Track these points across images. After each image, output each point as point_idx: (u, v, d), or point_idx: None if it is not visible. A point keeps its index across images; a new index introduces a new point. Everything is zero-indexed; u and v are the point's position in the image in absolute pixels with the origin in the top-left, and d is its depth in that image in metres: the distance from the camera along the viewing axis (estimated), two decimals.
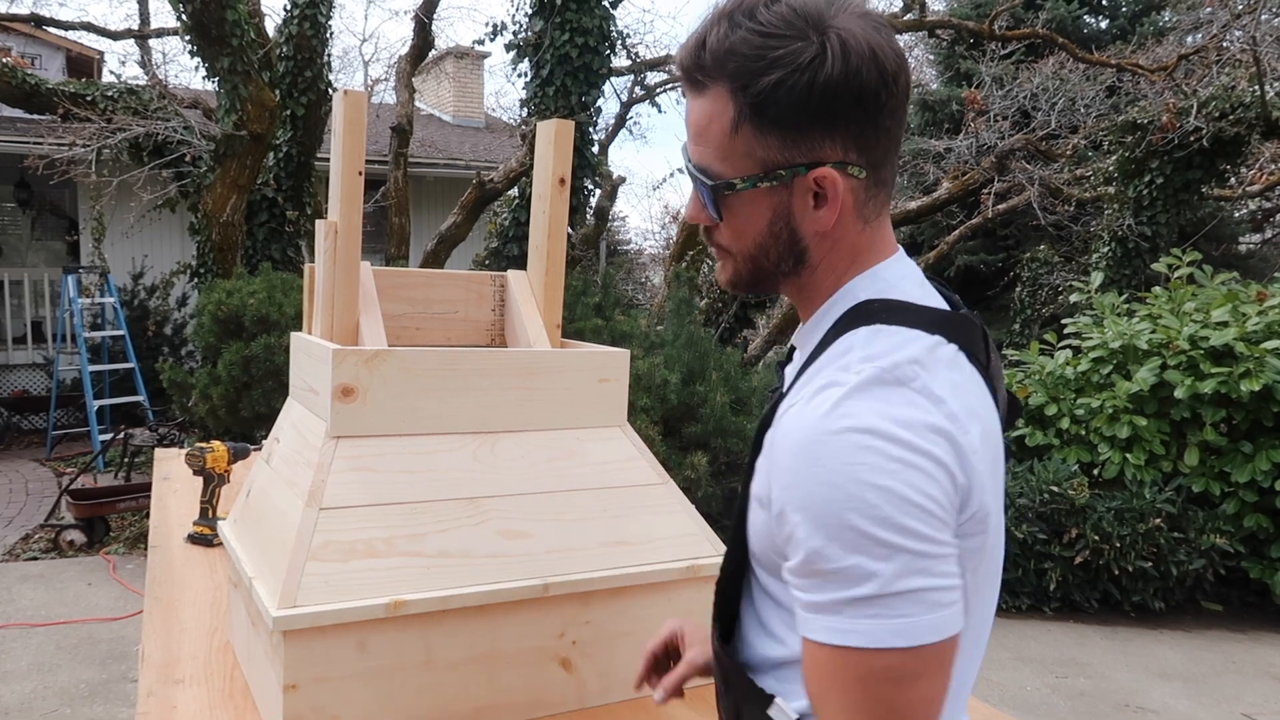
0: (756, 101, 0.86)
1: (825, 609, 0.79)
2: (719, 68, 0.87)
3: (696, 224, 0.98)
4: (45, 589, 5.21)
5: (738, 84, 0.86)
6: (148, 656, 1.62)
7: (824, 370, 0.87)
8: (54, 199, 11.05)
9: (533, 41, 7.60)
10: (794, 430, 0.82)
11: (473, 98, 15.87)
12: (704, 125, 0.90)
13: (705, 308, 8.21)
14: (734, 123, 0.88)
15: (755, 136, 0.88)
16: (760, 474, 0.89)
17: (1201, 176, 8.82)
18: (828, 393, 0.83)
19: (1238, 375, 4.86)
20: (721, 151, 0.90)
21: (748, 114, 0.87)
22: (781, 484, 0.82)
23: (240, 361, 5.84)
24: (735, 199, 0.91)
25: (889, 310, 0.89)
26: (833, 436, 0.79)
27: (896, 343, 0.86)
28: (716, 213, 0.93)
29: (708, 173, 0.91)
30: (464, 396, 1.54)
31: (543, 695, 1.50)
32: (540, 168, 1.77)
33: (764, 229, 0.92)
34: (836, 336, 0.90)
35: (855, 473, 0.78)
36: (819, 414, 0.81)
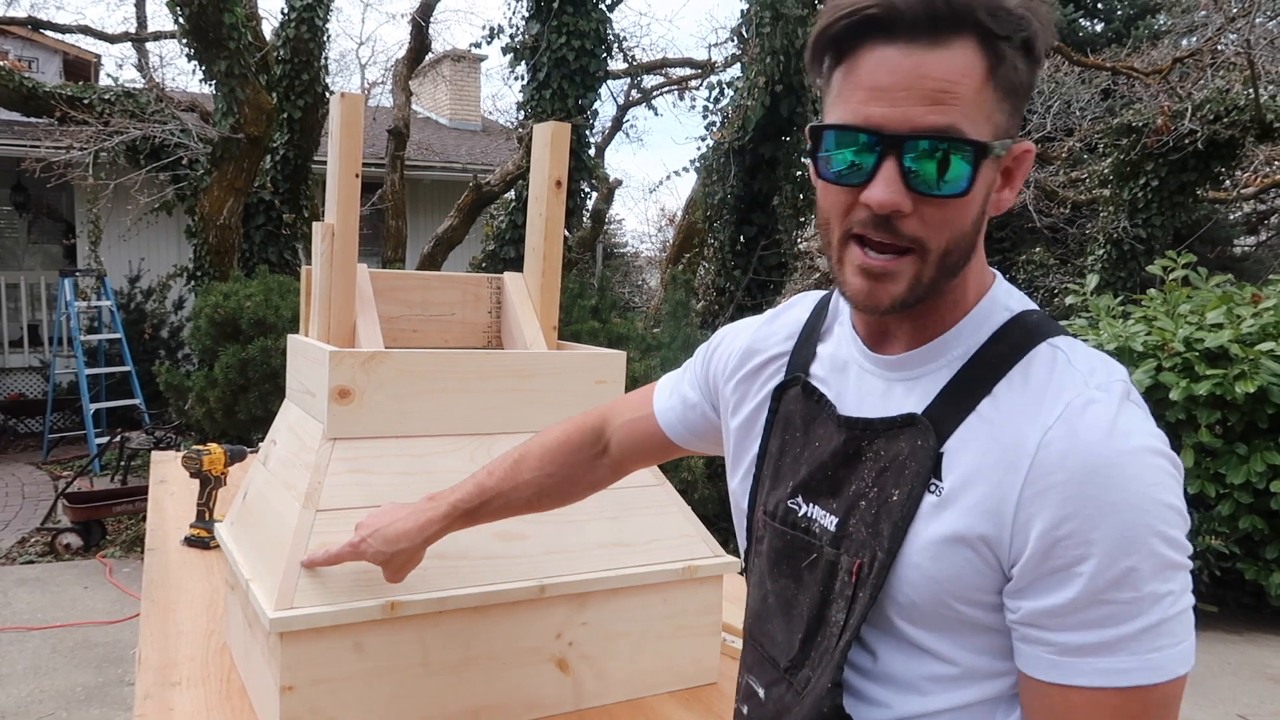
0: (1006, 54, 0.77)
1: (1106, 648, 0.74)
2: (968, 14, 0.75)
3: (890, 210, 0.78)
4: (41, 592, 5.20)
5: (998, 35, 0.76)
6: (145, 659, 1.62)
7: (1041, 386, 0.80)
8: (51, 202, 11.04)
9: (529, 44, 7.61)
10: (1075, 452, 0.75)
11: (469, 101, 15.88)
12: (953, 80, 0.76)
13: (702, 310, 8.22)
14: (988, 77, 0.77)
15: (997, 97, 0.78)
16: (972, 510, 0.79)
17: (1196, 179, 8.85)
18: (1092, 410, 0.76)
19: (1232, 377, 4.87)
20: (973, 110, 0.77)
21: (997, 71, 0.77)
22: (1063, 513, 0.74)
23: (237, 364, 5.83)
24: (980, 170, 0.79)
25: (1052, 323, 0.85)
26: (1128, 458, 0.74)
27: (1103, 360, 0.81)
28: (969, 185, 0.78)
29: (958, 136, 0.76)
30: (460, 398, 1.55)
31: (539, 696, 1.50)
32: (536, 170, 1.78)
33: (978, 210, 0.81)
34: (1011, 350, 0.83)
35: (1155, 493, 0.74)
36: (1100, 435, 0.75)
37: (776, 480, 0.97)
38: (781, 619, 0.94)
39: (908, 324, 0.87)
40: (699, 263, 9.43)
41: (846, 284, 0.84)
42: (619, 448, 1.24)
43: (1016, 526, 0.77)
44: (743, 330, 1.11)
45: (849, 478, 0.88)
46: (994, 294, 0.87)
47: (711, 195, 8.19)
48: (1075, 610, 0.74)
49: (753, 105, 7.54)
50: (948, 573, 0.80)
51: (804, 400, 0.96)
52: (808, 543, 0.91)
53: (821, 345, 1.00)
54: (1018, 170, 0.84)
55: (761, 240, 8.06)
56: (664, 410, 1.19)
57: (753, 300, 8.09)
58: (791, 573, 0.93)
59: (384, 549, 1.26)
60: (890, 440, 0.85)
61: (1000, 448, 0.79)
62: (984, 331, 0.85)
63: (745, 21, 7.93)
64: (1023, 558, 0.76)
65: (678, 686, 1.62)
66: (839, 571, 0.87)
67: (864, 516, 0.86)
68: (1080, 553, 0.73)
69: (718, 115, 8.19)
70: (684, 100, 14.62)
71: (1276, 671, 4.62)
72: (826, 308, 1.02)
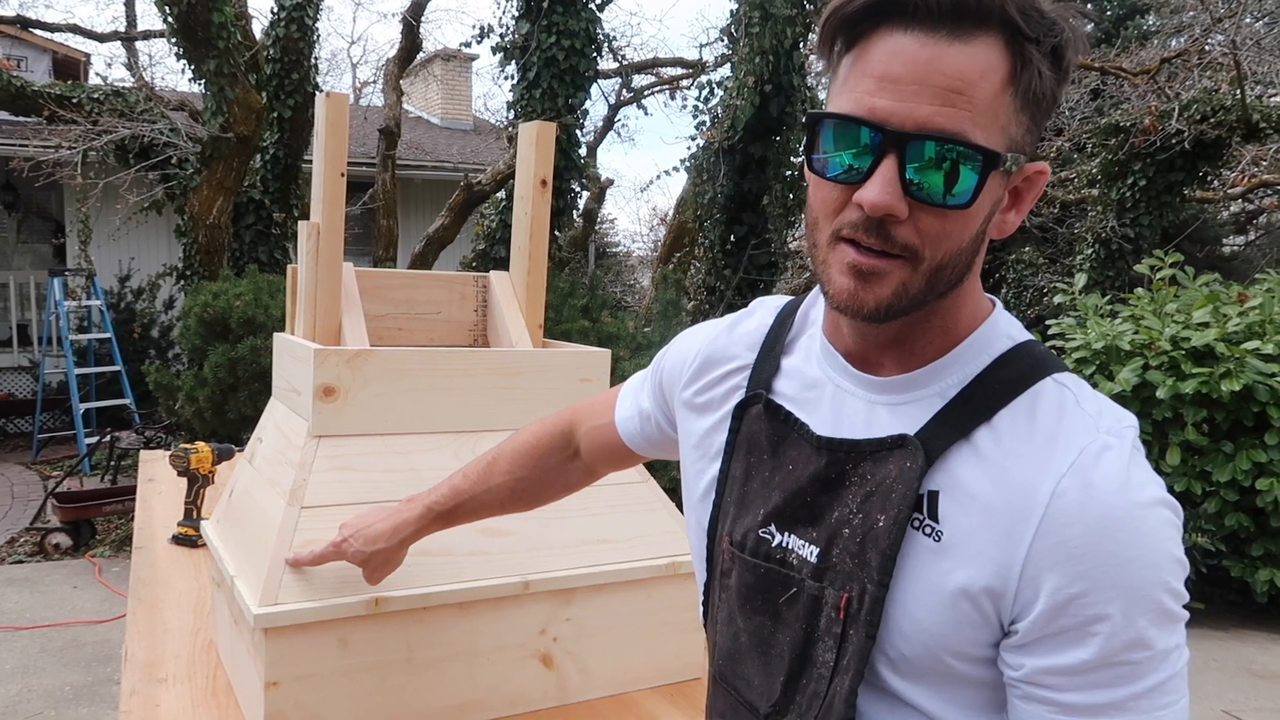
0: (1030, 61, 0.70)
1: (1114, 708, 0.70)
2: (997, 9, 0.69)
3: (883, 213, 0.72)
4: (30, 592, 5.19)
5: (1024, 37, 0.70)
6: (131, 656, 1.63)
7: (1051, 427, 0.74)
8: (40, 201, 11.00)
9: (519, 44, 7.61)
10: (1091, 504, 0.70)
11: (461, 100, 15.86)
12: (971, 81, 0.70)
13: (692, 309, 8.24)
14: (1008, 83, 0.71)
15: (1014, 107, 0.72)
16: (975, 559, 0.74)
17: (1183, 179, 8.90)
18: (1107, 459, 0.72)
19: (1218, 375, 4.91)
20: (985, 116, 0.71)
21: (1023, 79, 0.71)
22: (1079, 569, 0.70)
23: (226, 364, 5.83)
24: (987, 182, 0.73)
25: (1055, 358, 0.80)
26: (1144, 511, 0.70)
27: (1108, 402, 0.77)
28: (973, 196, 0.72)
29: (966, 142, 0.70)
30: (446, 396, 1.56)
31: (524, 691, 1.51)
32: (522, 169, 1.79)
33: (978, 227, 0.75)
34: (1018, 378, 0.78)
35: (1168, 549, 0.71)
36: (1115, 487, 0.71)
37: (743, 508, 0.89)
38: (757, 660, 0.87)
39: (894, 347, 0.81)
40: (690, 262, 9.44)
41: (830, 283, 0.77)
42: (588, 453, 1.22)
43: (1024, 579, 0.72)
44: (699, 337, 1.03)
45: (831, 504, 0.81)
46: (995, 321, 0.81)
47: (702, 195, 8.20)
48: (1087, 671, 0.70)
49: (742, 105, 7.56)
50: (945, 627, 0.75)
51: (769, 420, 0.88)
52: (785, 576, 0.84)
53: (786, 359, 0.92)
54: (1028, 192, 0.77)
55: (752, 240, 8.09)
56: (623, 420, 1.15)
57: (743, 299, 8.10)
58: (767, 609, 0.85)
59: (363, 549, 1.27)
60: (878, 463, 0.79)
61: (1006, 493, 0.74)
62: (984, 358, 0.79)
63: (735, 21, 7.94)
64: (1031, 613, 0.72)
65: (662, 682, 1.64)
66: (823, 607, 0.80)
67: (848, 546, 0.79)
68: (1096, 611, 0.69)
69: (708, 115, 8.20)
70: (675, 100, 14.61)
71: (1261, 668, 4.66)
72: (791, 317, 0.95)
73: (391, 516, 1.28)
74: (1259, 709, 4.20)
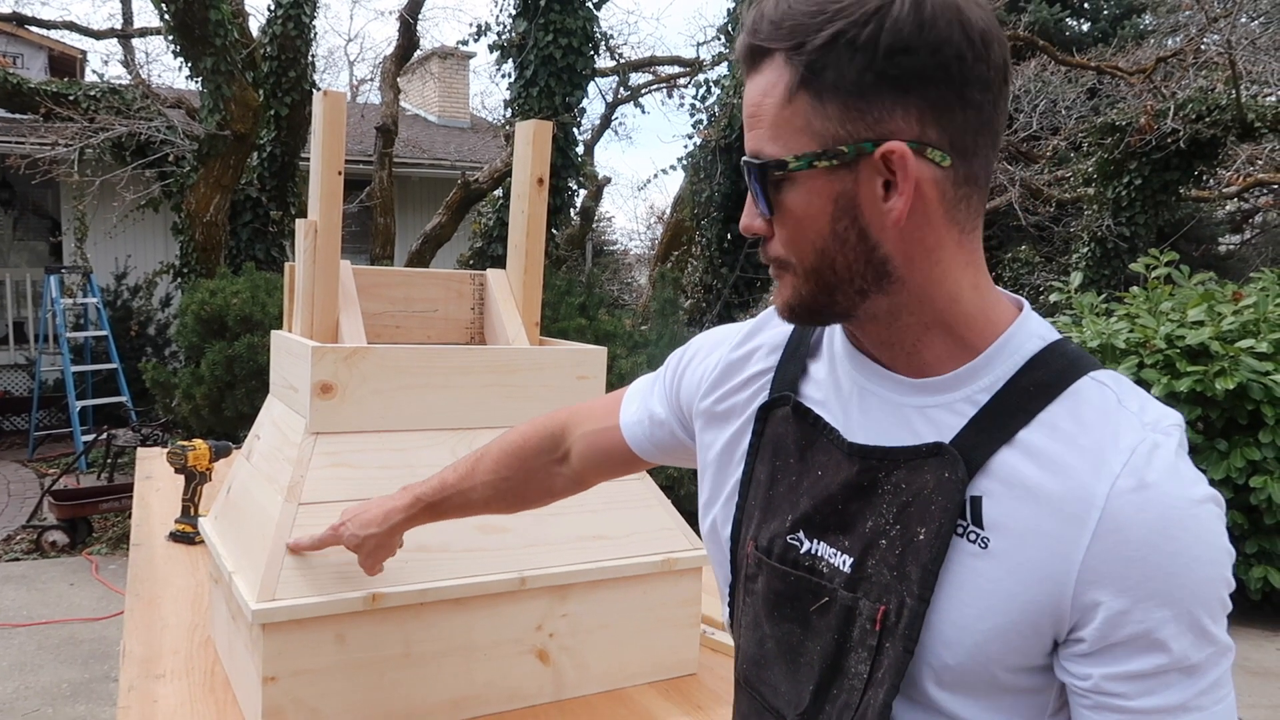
0: (813, 60, 0.72)
1: (1182, 709, 0.70)
2: (774, 33, 0.74)
3: (749, 234, 0.82)
4: (27, 590, 5.20)
5: (793, 43, 0.73)
6: (129, 652, 1.63)
7: (1098, 427, 0.73)
8: (36, 199, 10.99)
9: (516, 42, 7.62)
10: (1151, 505, 0.70)
11: (458, 98, 15.86)
12: (758, 103, 0.76)
13: (690, 308, 8.25)
14: (788, 90, 0.74)
15: (812, 106, 0.73)
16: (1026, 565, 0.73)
17: (1179, 178, 8.92)
18: (1159, 457, 0.71)
19: (1213, 374, 4.92)
20: (774, 129, 0.75)
21: (802, 77, 0.73)
22: (1144, 571, 0.69)
23: (223, 361, 5.83)
24: (789, 187, 0.76)
25: (1090, 356, 0.80)
26: (1200, 508, 0.70)
27: (1148, 396, 0.77)
28: (768, 206, 0.77)
29: (759, 156, 0.77)
30: (443, 393, 1.56)
31: (520, 687, 1.52)
32: (519, 168, 1.80)
33: (825, 227, 0.76)
34: (1056, 378, 0.76)
35: (1222, 543, 0.71)
36: (1172, 485, 0.70)
37: (769, 512, 0.88)
38: (785, 667, 0.86)
39: (890, 349, 0.82)
40: (687, 260, 9.45)
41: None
42: (580, 459, 1.17)
43: (1082, 584, 0.70)
44: (720, 343, 1.01)
45: (863, 513, 0.80)
46: (1024, 322, 0.80)
47: (699, 193, 8.22)
48: (1160, 674, 0.70)
49: (739, 104, 7.57)
50: (993, 635, 0.74)
51: (796, 423, 0.87)
52: (816, 585, 0.82)
53: (811, 362, 0.91)
54: (898, 173, 0.73)
55: (748, 238, 8.09)
56: (630, 424, 1.11)
57: (740, 298, 8.12)
58: (796, 617, 0.84)
59: (357, 533, 1.29)
60: (913, 472, 0.77)
61: (1058, 496, 0.72)
62: (1016, 359, 0.78)
63: (732, 20, 7.96)
64: (1094, 620, 0.70)
65: (657, 677, 1.65)
66: (857, 618, 0.79)
67: (885, 558, 0.77)
68: (1164, 614, 0.69)
69: (705, 113, 8.21)
70: (672, 98, 14.64)
71: (1255, 665, 4.68)
72: None
73: (383, 504, 1.30)
74: (1253, 705, 4.22)
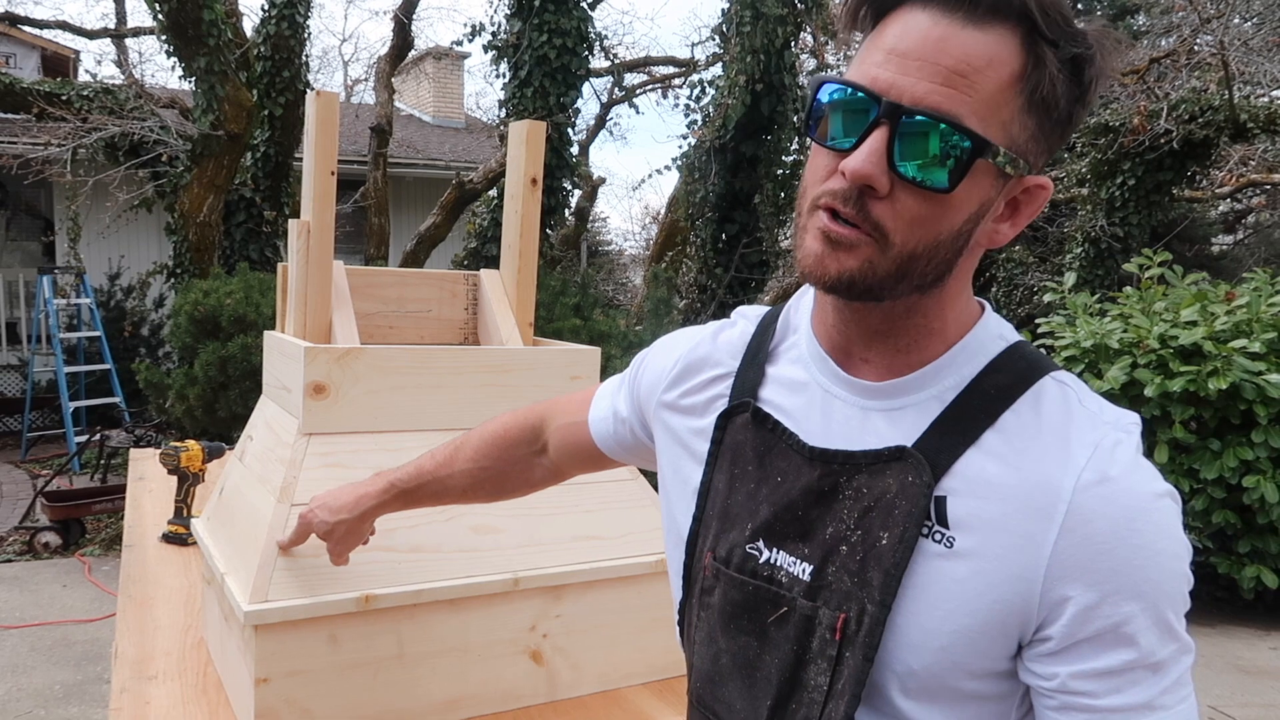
0: (1054, 70, 0.69)
1: (1147, 707, 0.69)
2: (1017, 3, 0.68)
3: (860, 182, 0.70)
4: (20, 591, 5.18)
5: (1042, 36, 0.68)
6: (121, 653, 1.63)
7: (1062, 425, 0.73)
8: (29, 199, 10.95)
9: (511, 42, 7.61)
10: (1118, 498, 0.69)
11: (453, 98, 15.84)
12: (976, 67, 0.68)
13: (684, 308, 8.25)
14: (1018, 80, 0.69)
15: (1021, 107, 0.70)
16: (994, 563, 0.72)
17: (1172, 178, 8.95)
18: (1120, 453, 0.71)
19: (1206, 374, 4.94)
20: (986, 106, 0.69)
21: (1033, 79, 0.69)
22: (1111, 564, 0.68)
23: (217, 362, 5.82)
24: (974, 173, 0.70)
25: (1047, 358, 0.79)
26: (1160, 502, 0.70)
27: (1107, 402, 0.76)
28: (952, 181, 0.70)
29: (957, 124, 0.68)
30: (436, 394, 1.56)
31: (514, 688, 1.52)
32: (513, 168, 1.79)
33: (959, 224, 0.72)
34: (1016, 380, 0.76)
35: (1181, 537, 0.70)
36: (1135, 480, 0.70)
37: (727, 522, 0.85)
38: (741, 682, 0.82)
39: (880, 340, 0.79)
40: (682, 260, 9.46)
41: (802, 248, 0.75)
42: (556, 451, 1.16)
43: (1050, 580, 0.69)
44: (679, 344, 0.99)
45: (824, 519, 0.78)
46: (986, 323, 0.79)
47: (693, 193, 8.22)
48: (1126, 670, 0.68)
49: (734, 104, 7.58)
50: (959, 637, 0.72)
51: (755, 429, 0.85)
52: (775, 594, 0.80)
53: (771, 366, 0.88)
54: (1027, 205, 0.74)
55: (743, 238, 8.10)
56: (597, 420, 1.10)
57: (734, 298, 8.12)
58: (753, 629, 0.81)
59: (327, 519, 1.27)
60: (874, 476, 0.76)
61: (1024, 492, 0.71)
62: (979, 360, 0.77)
63: (726, 20, 7.96)
64: (1062, 617, 0.69)
65: (651, 678, 1.64)
66: (816, 628, 0.76)
67: (846, 564, 0.75)
68: (1131, 609, 0.68)
69: (699, 113, 8.22)
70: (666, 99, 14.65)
71: (1248, 664, 4.69)
72: (774, 325, 0.91)
73: (355, 489, 1.27)
74: (1245, 704, 4.23)
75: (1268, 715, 4.16)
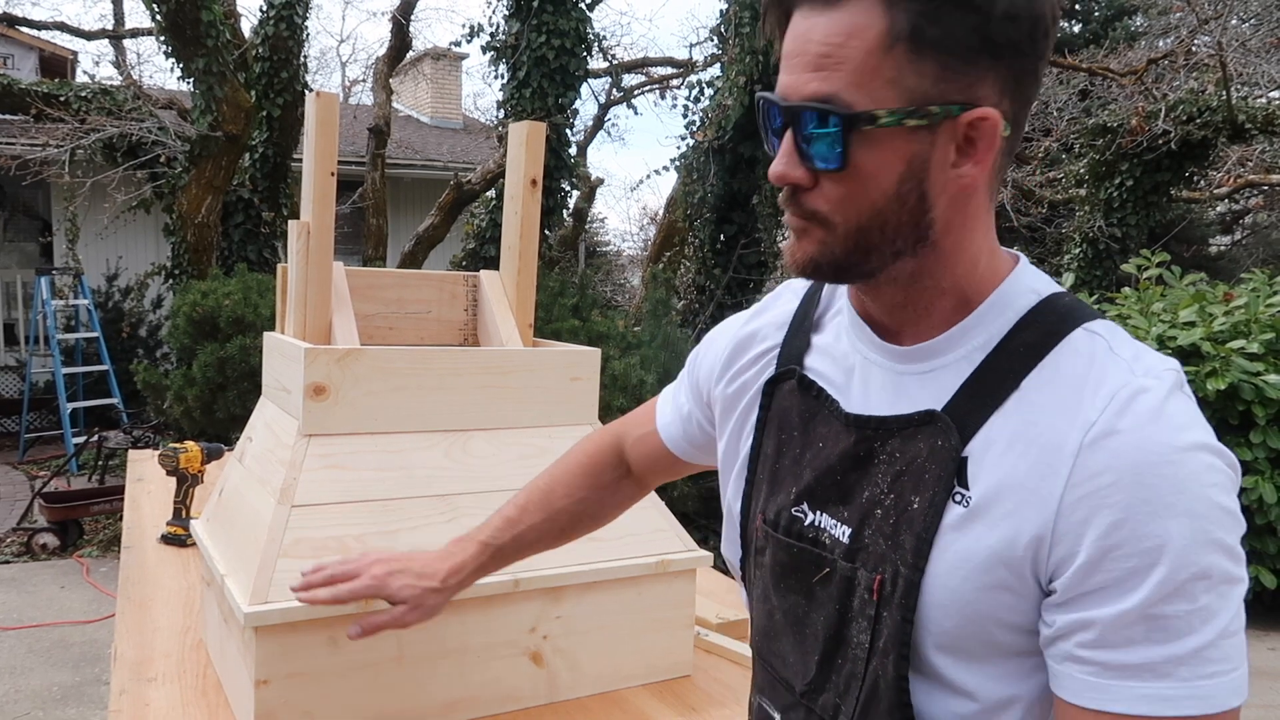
0: (924, 10, 0.68)
1: (1151, 670, 0.66)
2: None
3: (782, 183, 0.76)
4: (17, 592, 5.17)
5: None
6: (120, 655, 1.63)
7: (1080, 376, 0.72)
8: (27, 200, 10.94)
9: (509, 43, 7.61)
10: (1125, 450, 0.67)
11: (451, 99, 15.84)
12: (837, 44, 0.70)
13: (683, 309, 8.25)
14: (885, 39, 0.69)
15: (908, 60, 0.69)
16: (1006, 521, 0.71)
17: (1170, 179, 8.96)
18: (1140, 402, 0.68)
19: (1204, 374, 4.95)
20: (859, 76, 0.70)
21: (906, 30, 0.69)
22: (1114, 518, 0.66)
23: (215, 363, 5.81)
24: (867, 142, 0.71)
25: (1088, 307, 0.78)
26: (1184, 455, 0.67)
27: (1149, 349, 0.74)
28: (841, 159, 0.72)
29: (833, 102, 0.71)
30: (436, 395, 1.56)
31: (514, 689, 1.52)
32: (512, 169, 1.79)
33: (891, 188, 0.73)
34: (1043, 337, 0.75)
35: (1214, 496, 0.67)
36: (1152, 429, 0.67)
37: (775, 485, 0.88)
38: (792, 638, 0.86)
39: (902, 311, 0.80)
40: (680, 261, 9.45)
41: (784, 245, 0.81)
42: (638, 465, 1.19)
43: (1058, 535, 0.69)
44: (728, 327, 1.03)
45: (861, 483, 0.80)
46: (1018, 276, 0.79)
47: (692, 194, 8.22)
48: (1124, 625, 0.66)
49: (732, 105, 7.58)
50: (981, 593, 0.72)
51: (800, 395, 0.88)
52: (818, 556, 0.82)
53: (816, 335, 0.91)
54: (980, 140, 0.72)
55: (741, 239, 8.10)
56: (665, 425, 1.13)
57: (733, 299, 8.12)
58: (801, 588, 0.85)
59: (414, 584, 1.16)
60: (906, 441, 0.77)
61: (1036, 449, 0.71)
62: (1008, 317, 0.77)
63: (725, 21, 7.96)
64: (1068, 570, 0.69)
65: (651, 679, 1.64)
66: (856, 588, 0.79)
67: (881, 527, 0.77)
68: (1134, 563, 0.66)
69: (698, 114, 8.22)
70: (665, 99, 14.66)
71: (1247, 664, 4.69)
72: (819, 294, 0.94)
73: (444, 558, 1.19)
74: (1245, 704, 4.23)
75: (1267, 716, 4.16)
